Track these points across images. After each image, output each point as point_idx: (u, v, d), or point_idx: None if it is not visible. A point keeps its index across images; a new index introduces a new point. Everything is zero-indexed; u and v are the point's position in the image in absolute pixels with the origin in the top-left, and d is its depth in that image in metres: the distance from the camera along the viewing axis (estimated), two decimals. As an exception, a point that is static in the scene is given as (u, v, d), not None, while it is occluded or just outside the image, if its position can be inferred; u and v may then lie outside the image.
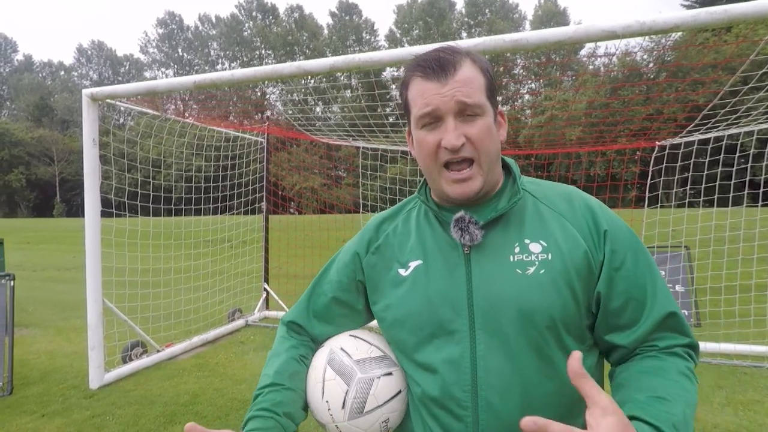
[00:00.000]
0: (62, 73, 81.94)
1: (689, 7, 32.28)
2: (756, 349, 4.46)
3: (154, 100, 4.70)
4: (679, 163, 5.73)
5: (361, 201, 7.53)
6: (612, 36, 2.61)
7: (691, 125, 5.25)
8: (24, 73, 77.62)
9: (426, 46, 2.86)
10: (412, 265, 0.93)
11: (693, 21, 2.49)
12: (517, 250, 0.87)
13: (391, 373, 0.93)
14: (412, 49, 3.01)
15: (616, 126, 6.25)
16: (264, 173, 6.90)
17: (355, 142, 7.03)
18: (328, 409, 0.90)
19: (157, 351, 4.75)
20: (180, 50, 78.99)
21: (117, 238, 4.59)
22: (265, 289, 6.69)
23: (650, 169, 5.86)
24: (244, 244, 7.00)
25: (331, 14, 76.50)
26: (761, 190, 5.33)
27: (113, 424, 3.35)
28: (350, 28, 74.38)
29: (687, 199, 6.09)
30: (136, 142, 5.16)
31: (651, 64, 8.63)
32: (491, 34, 3.05)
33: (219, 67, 75.78)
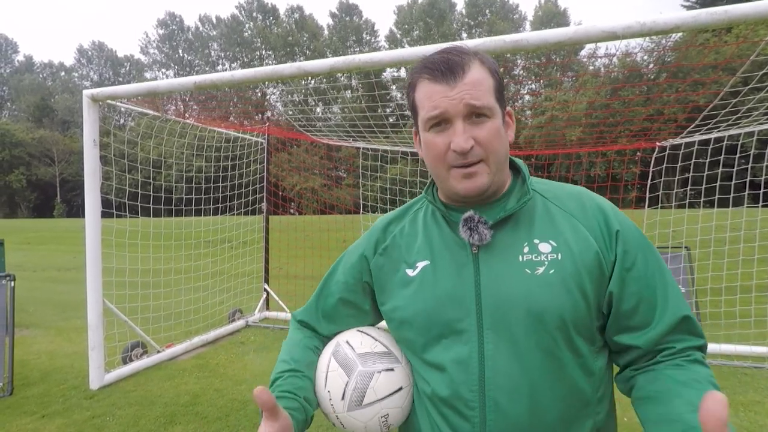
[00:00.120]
0: (63, 73, 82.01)
1: (689, 8, 32.29)
2: (756, 350, 4.46)
3: (154, 100, 4.70)
4: (679, 164, 5.73)
5: (361, 201, 7.54)
6: (612, 37, 2.61)
7: (692, 126, 5.25)
8: (24, 73, 77.69)
9: (426, 47, 2.87)
10: (420, 265, 0.93)
11: (693, 22, 2.49)
12: (526, 250, 0.86)
13: (392, 369, 0.93)
14: (412, 50, 3.01)
15: (616, 126, 6.25)
16: (264, 174, 6.90)
17: (356, 142, 7.03)
18: (330, 399, 0.92)
19: (158, 351, 4.75)
20: (180, 51, 79.06)
21: (117, 239, 4.59)
22: (266, 290, 6.69)
23: (651, 169, 5.86)
24: (244, 244, 7.01)
25: (332, 15, 76.59)
26: (762, 191, 5.33)
27: (113, 425, 3.35)
28: (350, 29, 74.42)
29: (687, 200, 6.09)
30: (137, 143, 5.16)
31: (651, 65, 8.63)
32: (491, 35, 3.06)
33: (219, 67, 75.84)
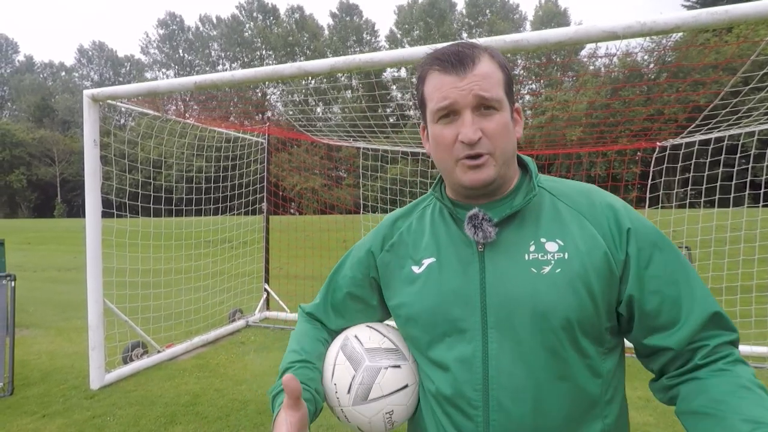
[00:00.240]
0: (63, 73, 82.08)
1: (690, 8, 32.29)
2: (757, 350, 4.45)
3: (154, 100, 4.70)
4: (680, 164, 5.73)
5: (361, 201, 7.54)
6: (613, 36, 2.61)
7: (692, 126, 5.25)
8: (25, 73, 77.75)
9: (427, 47, 2.86)
10: (426, 262, 0.93)
11: (694, 21, 2.49)
12: (532, 248, 0.85)
13: (399, 366, 0.93)
14: (412, 50, 3.01)
15: (616, 126, 6.24)
16: (264, 174, 6.90)
17: (356, 142, 7.03)
18: (336, 392, 0.92)
19: (158, 351, 4.76)
20: (181, 51, 79.12)
21: (118, 239, 4.59)
22: (266, 290, 6.69)
23: (651, 169, 5.86)
24: (244, 244, 7.01)
25: (332, 15, 76.64)
26: (762, 191, 5.33)
27: (114, 425, 3.35)
28: (351, 29, 74.43)
29: (688, 200, 6.09)
30: (137, 143, 5.16)
31: (652, 65, 8.62)
32: (492, 35, 3.06)
33: (220, 67, 75.89)
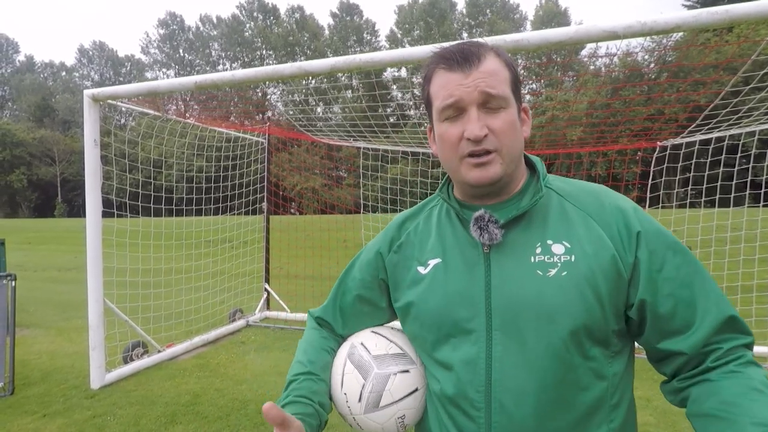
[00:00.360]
0: (64, 73, 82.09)
1: (690, 8, 32.26)
2: (758, 350, 4.45)
3: (155, 100, 4.70)
4: (680, 164, 5.73)
5: (362, 201, 7.54)
6: (613, 36, 2.61)
7: (693, 125, 5.25)
8: (25, 73, 77.77)
9: (427, 47, 2.87)
10: (432, 263, 0.93)
11: (694, 21, 2.49)
12: (538, 251, 0.85)
13: (407, 371, 0.93)
14: (413, 50, 3.01)
15: (617, 126, 6.24)
16: (265, 174, 6.90)
17: (356, 142, 7.03)
18: (347, 402, 0.93)
19: (158, 351, 4.76)
20: (181, 51, 79.10)
21: (118, 239, 4.60)
22: (266, 290, 6.69)
23: (651, 169, 5.86)
24: (245, 244, 7.01)
25: (332, 15, 76.60)
26: (762, 191, 5.33)
27: (114, 425, 3.35)
28: (351, 29, 74.42)
29: (688, 200, 6.09)
30: (137, 143, 5.17)
31: (652, 65, 8.62)
32: (492, 35, 3.05)
33: (220, 67, 75.90)
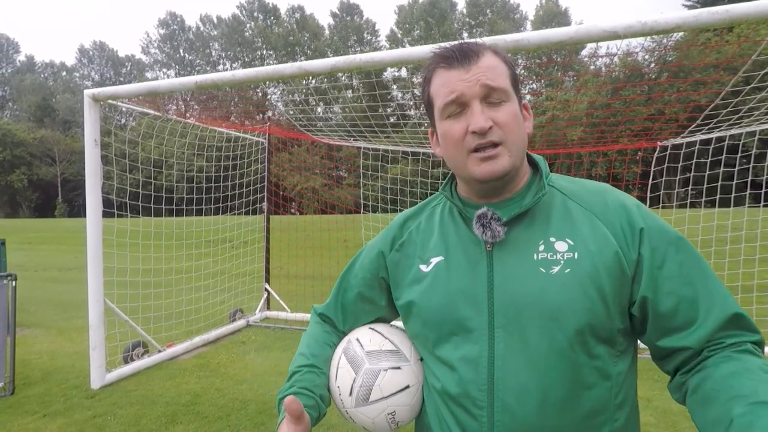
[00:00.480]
0: (64, 73, 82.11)
1: (691, 7, 32.26)
2: (758, 350, 4.45)
3: (155, 100, 4.70)
4: (680, 164, 5.73)
5: (362, 201, 7.53)
6: (613, 36, 2.61)
7: (693, 125, 5.24)
8: (26, 73, 77.81)
9: (427, 47, 2.87)
10: (434, 261, 0.93)
11: (695, 21, 2.49)
12: (541, 248, 0.84)
13: (399, 368, 0.94)
14: (413, 50, 3.01)
15: (617, 126, 6.24)
16: (265, 173, 6.90)
17: (356, 142, 7.03)
18: (339, 395, 0.95)
19: (159, 351, 4.76)
20: (181, 51, 79.13)
21: (118, 239, 4.60)
22: (266, 290, 6.69)
23: (652, 169, 5.85)
24: (245, 244, 7.01)
25: (333, 15, 76.62)
26: (763, 191, 5.33)
27: (115, 424, 3.35)
28: (351, 29, 74.42)
29: (689, 200, 6.09)
30: (138, 143, 5.17)
31: (652, 65, 8.62)
32: (492, 35, 3.05)
33: (220, 67, 75.92)
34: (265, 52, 75.28)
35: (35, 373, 4.37)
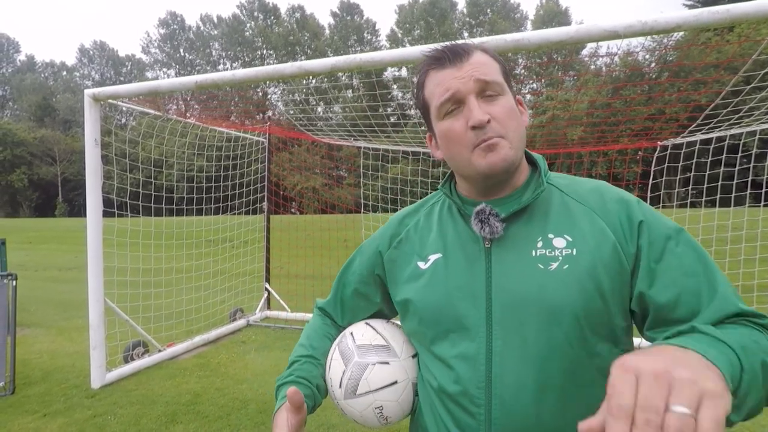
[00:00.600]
0: (64, 73, 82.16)
1: (691, 7, 32.22)
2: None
3: (155, 100, 4.70)
4: (681, 163, 5.73)
5: (362, 201, 7.53)
6: (614, 36, 2.60)
7: (693, 125, 5.24)
8: (26, 73, 77.84)
9: (427, 46, 2.86)
10: (432, 258, 0.93)
11: (695, 21, 2.49)
12: (540, 244, 0.84)
13: (387, 363, 0.94)
14: (413, 49, 3.01)
15: (617, 126, 6.23)
16: (265, 173, 6.90)
17: (357, 142, 7.03)
18: (331, 386, 0.98)
19: (159, 351, 4.76)
20: (182, 50, 79.16)
21: (119, 238, 4.60)
22: (267, 289, 6.69)
23: (652, 169, 5.85)
24: (245, 244, 7.01)
25: (333, 14, 76.63)
26: (763, 190, 5.33)
27: (115, 424, 3.36)
28: (352, 28, 74.41)
29: (689, 200, 6.09)
30: (138, 142, 5.17)
31: (653, 64, 8.61)
32: (493, 34, 3.05)
33: (220, 67, 75.93)
34: (265, 51, 75.30)
35: (35, 373, 4.38)
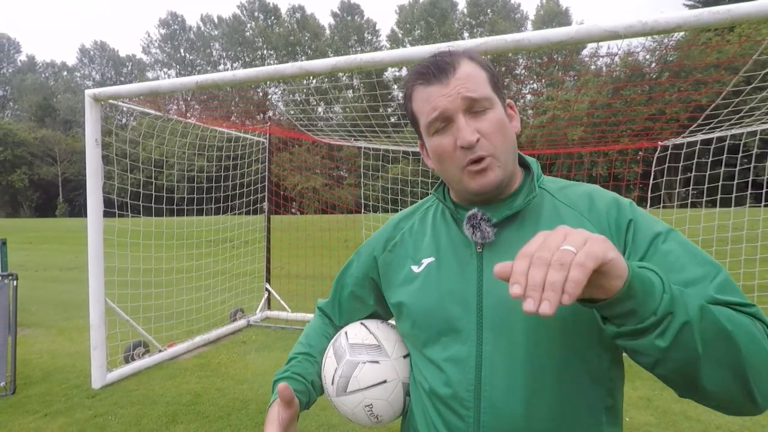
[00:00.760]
0: (65, 73, 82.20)
1: (692, 7, 32.20)
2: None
3: (156, 100, 4.71)
4: (681, 164, 5.73)
5: (362, 201, 7.53)
6: (614, 36, 2.60)
7: (694, 125, 5.24)
8: (27, 73, 77.88)
9: (428, 47, 2.87)
10: (425, 262, 0.94)
11: (695, 21, 2.48)
12: None
13: (377, 362, 0.96)
14: (414, 50, 3.01)
15: (618, 126, 6.24)
16: (266, 173, 6.90)
17: (357, 142, 7.04)
18: (325, 383, 1.01)
19: (159, 351, 4.76)
20: (182, 51, 79.17)
21: (119, 238, 4.60)
22: (267, 289, 6.69)
23: (653, 169, 5.85)
24: (245, 244, 7.01)
25: (333, 14, 76.64)
26: (764, 191, 5.32)
27: (115, 424, 3.36)
28: (352, 29, 74.42)
29: (689, 200, 6.09)
30: (139, 143, 5.17)
31: (653, 64, 8.61)
32: (493, 35, 3.05)
33: (221, 67, 75.96)
34: (265, 51, 75.32)
35: (36, 373, 4.38)
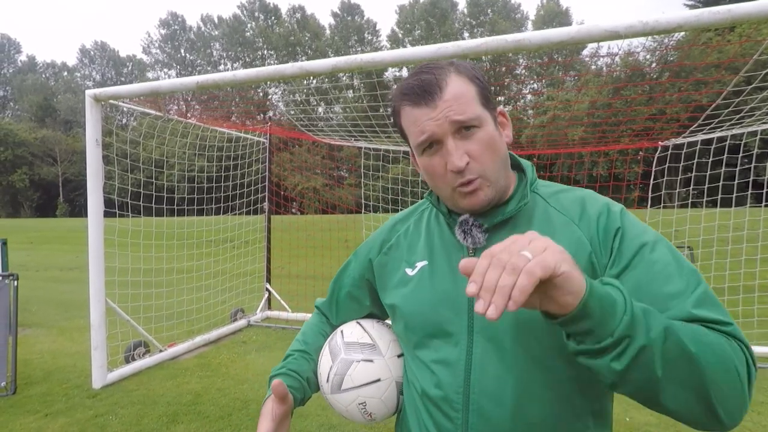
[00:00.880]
0: (65, 73, 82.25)
1: (692, 7, 32.18)
2: (760, 350, 4.44)
3: (156, 100, 4.71)
4: (682, 163, 5.72)
5: (363, 201, 7.53)
6: (614, 36, 2.60)
7: (694, 125, 5.24)
8: (27, 73, 77.93)
9: (428, 47, 2.87)
10: (419, 265, 0.95)
11: (696, 21, 2.48)
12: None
13: (371, 361, 0.98)
14: (414, 50, 3.01)
15: (618, 126, 6.24)
16: (266, 173, 6.90)
17: (357, 142, 7.04)
18: (320, 381, 1.02)
19: (160, 351, 4.76)
20: (182, 51, 79.19)
21: (120, 238, 4.60)
22: (268, 289, 6.70)
23: (653, 169, 5.85)
24: (246, 244, 7.01)
25: (333, 15, 76.65)
26: (764, 190, 5.31)
27: (116, 424, 3.36)
28: (352, 29, 74.42)
29: (690, 200, 6.09)
30: (139, 143, 5.17)
31: (654, 64, 8.61)
32: (493, 35, 3.05)
33: (221, 67, 75.96)
34: (266, 52, 75.33)
35: (37, 373, 4.38)
